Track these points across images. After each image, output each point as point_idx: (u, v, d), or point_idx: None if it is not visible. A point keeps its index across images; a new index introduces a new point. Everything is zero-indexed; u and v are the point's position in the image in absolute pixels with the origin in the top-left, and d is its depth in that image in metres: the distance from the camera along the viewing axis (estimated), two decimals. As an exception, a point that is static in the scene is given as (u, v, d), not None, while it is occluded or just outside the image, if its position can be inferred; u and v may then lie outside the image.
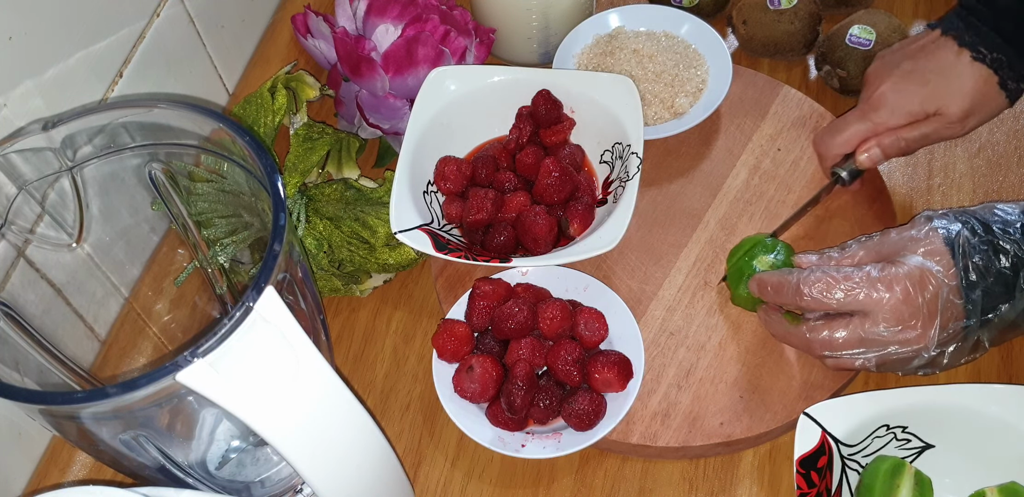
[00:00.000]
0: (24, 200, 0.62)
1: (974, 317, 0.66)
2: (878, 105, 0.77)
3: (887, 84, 0.76)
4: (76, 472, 0.75)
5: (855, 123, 0.78)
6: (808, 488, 0.64)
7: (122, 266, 0.74)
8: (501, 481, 0.72)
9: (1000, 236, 0.67)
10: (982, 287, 0.66)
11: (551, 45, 0.92)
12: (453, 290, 0.79)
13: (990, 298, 0.66)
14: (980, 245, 0.67)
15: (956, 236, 0.67)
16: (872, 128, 0.77)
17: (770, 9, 0.90)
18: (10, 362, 0.60)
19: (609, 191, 0.79)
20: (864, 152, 0.77)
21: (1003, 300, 0.66)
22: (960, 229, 0.68)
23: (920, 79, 0.75)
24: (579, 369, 0.70)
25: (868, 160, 0.77)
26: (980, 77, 0.74)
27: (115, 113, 0.61)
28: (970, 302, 0.66)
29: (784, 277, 0.70)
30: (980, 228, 0.68)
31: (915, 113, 0.76)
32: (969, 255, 0.67)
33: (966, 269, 0.66)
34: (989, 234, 0.67)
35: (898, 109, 0.76)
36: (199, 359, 0.49)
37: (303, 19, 0.88)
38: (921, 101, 0.75)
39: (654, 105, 0.86)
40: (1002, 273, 0.66)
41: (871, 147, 0.77)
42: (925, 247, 0.68)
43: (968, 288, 0.66)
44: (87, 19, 0.72)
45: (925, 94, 0.75)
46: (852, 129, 0.78)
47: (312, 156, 0.80)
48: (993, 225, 0.68)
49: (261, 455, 0.70)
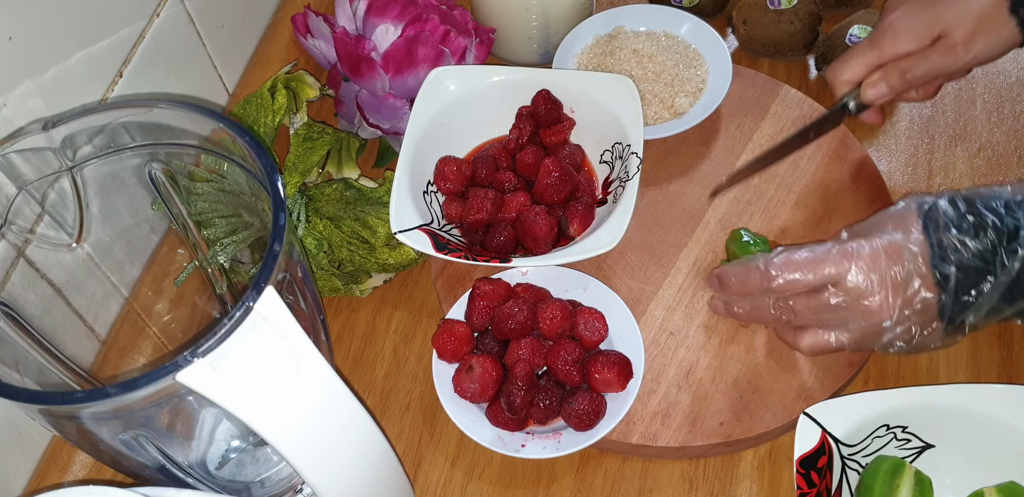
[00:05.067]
0: (24, 200, 0.62)
1: (947, 294, 0.64)
2: (885, 30, 0.75)
3: (899, 11, 0.75)
4: (76, 472, 0.75)
5: (863, 50, 0.76)
6: (808, 488, 0.64)
7: (122, 266, 0.74)
8: (501, 481, 0.73)
9: (983, 210, 0.65)
10: (956, 261, 0.64)
11: (551, 45, 0.92)
12: (453, 290, 0.79)
13: (967, 274, 0.64)
14: (959, 219, 0.65)
15: (931, 209, 0.66)
16: (879, 55, 0.75)
17: (770, 9, 0.90)
18: (10, 362, 0.60)
19: (609, 191, 0.79)
20: (870, 86, 0.75)
21: (982, 277, 0.64)
22: (937, 202, 0.66)
23: (930, 3, 0.73)
24: (579, 369, 0.70)
25: (874, 93, 0.75)
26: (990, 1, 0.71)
27: (115, 113, 0.61)
28: (942, 276, 0.64)
29: (748, 264, 0.69)
30: (962, 203, 0.66)
31: (920, 37, 0.74)
32: (945, 227, 0.65)
33: (939, 242, 0.64)
34: (972, 207, 0.65)
35: (902, 32, 0.74)
36: (199, 359, 0.49)
37: (303, 19, 0.88)
38: (927, 24, 0.73)
39: (654, 105, 0.86)
40: (983, 248, 0.64)
41: (876, 80, 0.75)
42: (896, 220, 0.67)
43: (940, 261, 0.64)
44: (87, 19, 0.72)
45: (932, 15, 0.73)
46: (860, 56, 0.76)
47: (312, 156, 0.80)
48: (977, 200, 0.66)
49: (261, 455, 0.70)
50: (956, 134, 0.87)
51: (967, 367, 0.76)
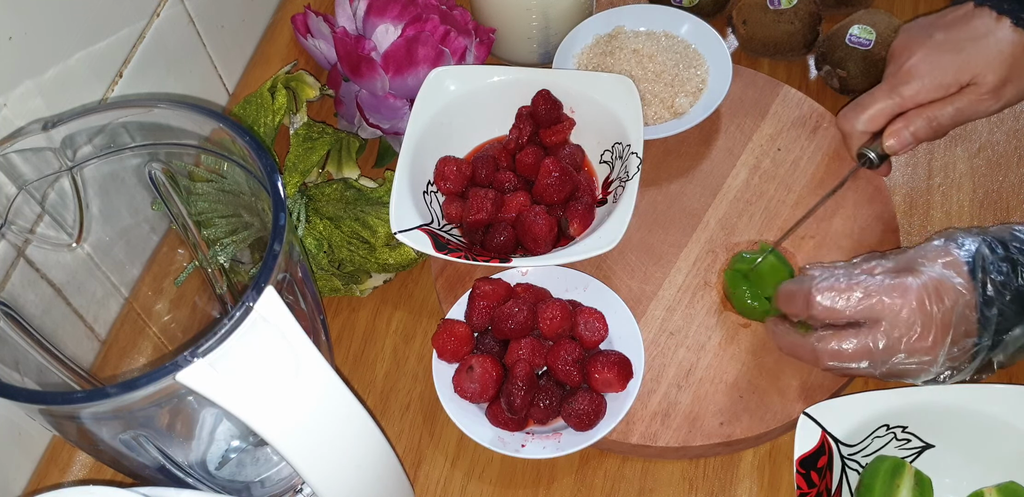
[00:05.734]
0: (24, 200, 0.62)
1: (986, 335, 0.64)
2: (908, 78, 0.71)
3: (918, 55, 0.70)
4: (76, 472, 0.75)
5: (882, 98, 0.72)
6: (808, 488, 0.64)
7: (122, 266, 0.74)
8: (501, 481, 0.73)
9: (1017, 254, 0.65)
10: (998, 305, 0.64)
11: (551, 45, 0.92)
12: (453, 290, 0.79)
13: (1005, 317, 0.64)
14: (999, 262, 0.65)
15: (976, 252, 0.65)
16: (900, 103, 0.72)
17: (770, 9, 0.90)
18: (10, 362, 0.60)
19: (609, 191, 0.79)
20: (891, 137, 0.72)
21: (1018, 320, 0.64)
22: (979, 245, 0.66)
23: (954, 47, 0.69)
24: (579, 369, 0.70)
25: (897, 144, 0.72)
26: (1021, 42, 0.68)
27: (115, 113, 0.61)
28: (985, 319, 0.64)
29: (796, 286, 0.68)
30: (998, 246, 0.66)
31: (947, 85, 0.70)
32: (988, 271, 0.64)
33: (984, 284, 0.64)
34: (1007, 251, 0.65)
35: (929, 80, 0.70)
36: (199, 359, 0.49)
37: (303, 19, 0.88)
38: (955, 70, 0.69)
39: (654, 105, 0.86)
40: (1020, 292, 0.64)
41: (900, 130, 0.71)
42: (944, 259, 0.65)
43: (985, 304, 0.64)
44: (87, 19, 0.72)
45: (959, 62, 0.69)
46: (879, 105, 0.72)
47: (312, 156, 0.80)
48: (1010, 244, 0.66)
49: (261, 455, 0.70)
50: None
51: (967, 367, 0.76)
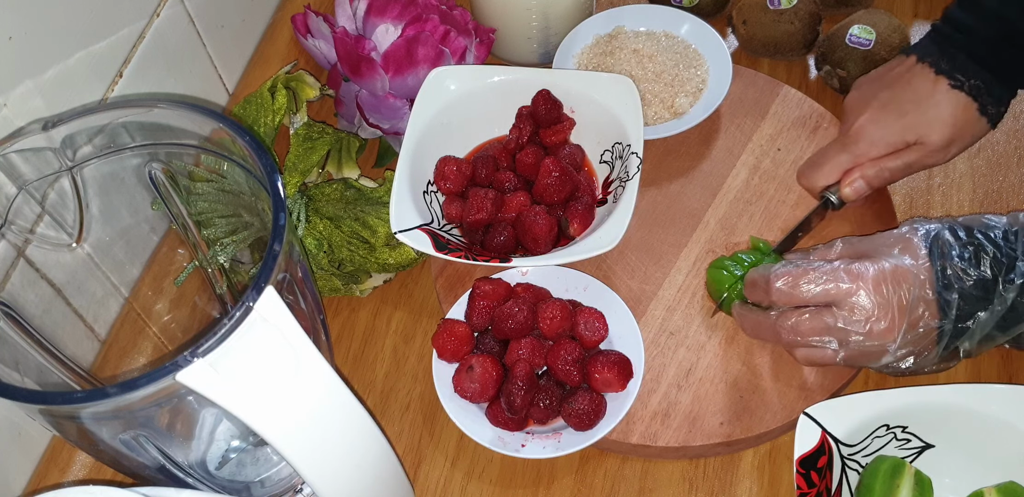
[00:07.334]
0: (24, 200, 0.62)
1: (948, 320, 0.65)
2: (857, 138, 0.76)
3: (865, 116, 0.76)
4: (76, 472, 0.75)
5: (836, 155, 0.78)
6: (808, 488, 0.64)
7: (122, 266, 0.74)
8: (501, 481, 0.73)
9: (982, 240, 0.66)
10: (959, 289, 0.65)
11: (551, 45, 0.92)
12: (453, 290, 0.79)
13: (968, 302, 0.65)
14: (960, 248, 0.66)
15: (935, 236, 0.67)
16: (853, 160, 0.77)
17: (770, 9, 0.90)
18: (10, 362, 0.60)
19: (609, 191, 0.79)
20: (848, 185, 0.77)
21: (982, 306, 0.65)
22: (940, 230, 0.67)
23: (898, 110, 0.75)
24: (579, 369, 0.70)
25: (853, 193, 0.77)
26: (959, 105, 0.73)
27: (115, 113, 0.61)
28: (945, 302, 0.65)
29: (758, 273, 0.70)
30: (962, 231, 0.67)
31: (895, 144, 0.75)
32: (948, 256, 0.66)
33: (943, 269, 0.65)
34: (971, 237, 0.67)
35: (878, 141, 0.76)
36: (199, 359, 0.49)
37: (303, 19, 0.88)
38: (901, 132, 0.75)
39: (654, 105, 0.86)
40: (982, 278, 0.65)
41: (855, 179, 0.77)
42: (902, 244, 0.67)
43: (945, 288, 0.65)
44: (87, 19, 0.72)
45: (904, 124, 0.75)
46: (833, 162, 0.78)
47: (312, 156, 0.80)
48: (975, 229, 0.67)
49: (261, 455, 0.70)
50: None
51: (967, 367, 0.76)
